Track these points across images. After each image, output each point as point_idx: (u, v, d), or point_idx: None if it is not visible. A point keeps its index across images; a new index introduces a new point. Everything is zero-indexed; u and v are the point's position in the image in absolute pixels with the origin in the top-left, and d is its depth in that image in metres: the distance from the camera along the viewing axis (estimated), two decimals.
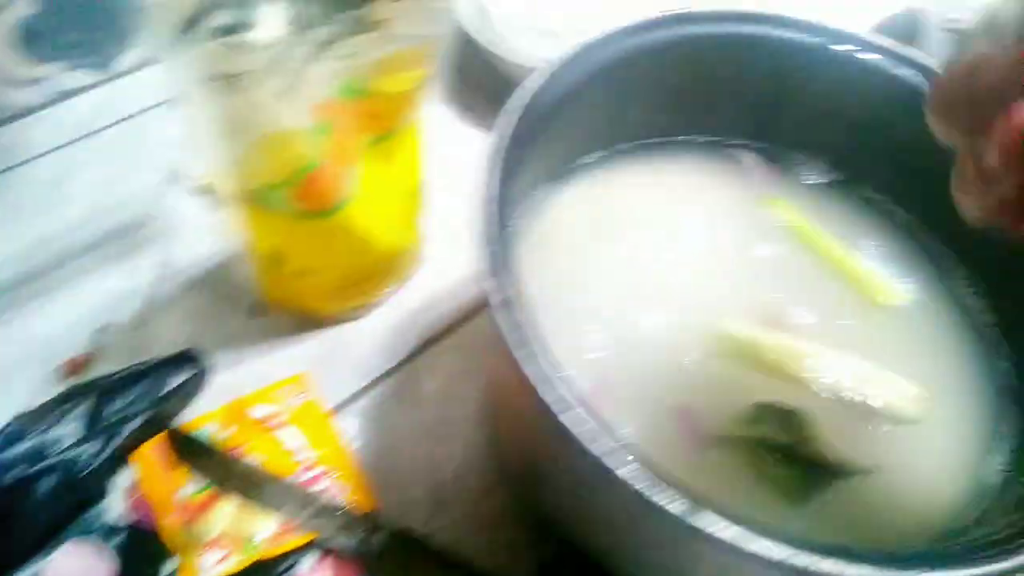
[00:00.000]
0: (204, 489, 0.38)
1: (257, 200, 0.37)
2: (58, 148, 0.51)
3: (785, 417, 0.31)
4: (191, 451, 0.38)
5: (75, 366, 0.42)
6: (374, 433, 0.41)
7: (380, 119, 0.38)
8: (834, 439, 0.32)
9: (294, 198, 0.35)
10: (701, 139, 0.41)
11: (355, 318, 0.45)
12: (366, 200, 0.38)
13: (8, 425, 0.38)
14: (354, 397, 0.42)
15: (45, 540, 0.35)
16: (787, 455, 0.30)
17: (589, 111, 0.36)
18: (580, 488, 0.30)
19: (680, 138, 0.40)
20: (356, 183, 0.37)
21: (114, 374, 0.41)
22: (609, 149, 0.40)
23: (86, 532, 0.37)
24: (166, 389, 0.40)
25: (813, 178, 0.40)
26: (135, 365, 0.41)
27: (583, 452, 0.24)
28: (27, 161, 0.51)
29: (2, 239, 0.47)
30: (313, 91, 0.34)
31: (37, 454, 0.37)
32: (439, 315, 0.46)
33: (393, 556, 0.36)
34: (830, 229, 0.38)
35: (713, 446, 0.32)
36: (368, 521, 0.37)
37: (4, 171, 0.50)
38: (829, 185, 0.40)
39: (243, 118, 0.32)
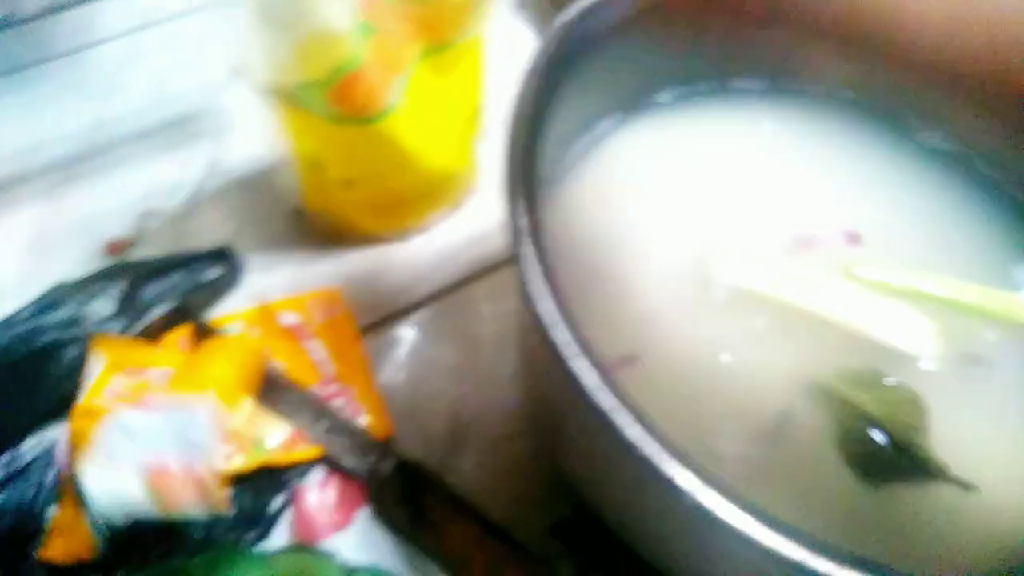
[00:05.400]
0: None
1: (296, 99, 0.35)
2: (125, 35, 0.51)
3: (898, 395, 0.28)
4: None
5: (117, 247, 0.42)
6: (402, 361, 0.40)
7: (434, 29, 0.35)
8: (943, 440, 0.28)
9: (331, 99, 0.33)
10: (796, 87, 0.37)
11: (398, 240, 0.43)
12: (413, 114, 0.36)
13: (49, 292, 0.38)
14: (386, 321, 0.41)
15: (62, 409, 0.35)
16: (883, 431, 0.27)
17: (662, 38, 0.33)
18: (593, 448, 0.28)
19: (781, 85, 0.36)
20: (401, 94, 0.35)
21: (152, 260, 0.40)
22: (687, 87, 0.36)
23: None
24: (199, 281, 0.40)
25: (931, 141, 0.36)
26: (173, 255, 0.41)
27: (591, 407, 0.21)
28: (94, 44, 0.50)
29: (62, 117, 0.47)
30: None
31: (71, 323, 0.37)
32: (487, 250, 0.44)
33: (401, 486, 0.35)
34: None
35: (806, 392, 0.29)
36: (381, 447, 0.36)
37: (72, 52, 0.50)
38: (943, 154, 0.36)
39: (287, 9, 0.31)
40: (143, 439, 0.31)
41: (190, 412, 0.32)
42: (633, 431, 0.21)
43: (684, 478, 0.20)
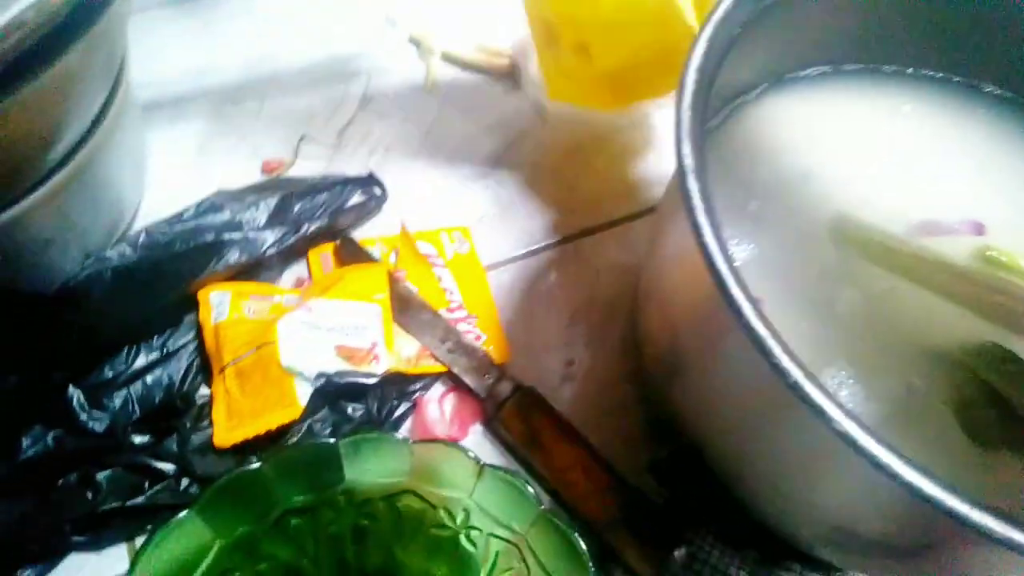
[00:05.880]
0: None
1: None
2: None
3: (1017, 370, 0.29)
4: (359, 262, 0.41)
5: (272, 166, 0.46)
6: (522, 297, 0.43)
7: None
8: None
9: None
10: (951, 77, 0.37)
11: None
12: None
13: (212, 196, 0.42)
14: (512, 260, 0.44)
15: None
16: (999, 402, 0.29)
17: (829, 12, 0.34)
18: (720, 381, 0.30)
19: (924, 72, 0.37)
20: None
21: (304, 179, 0.44)
22: (835, 66, 0.37)
23: None
24: (346, 204, 0.43)
25: None
26: (323, 176, 0.44)
27: (748, 331, 0.23)
28: None
29: (235, 49, 0.51)
30: None
31: (230, 226, 0.41)
32: (608, 207, 0.46)
33: (515, 407, 0.37)
34: None
35: (925, 357, 0.30)
36: (499, 370, 0.39)
37: None
38: None
39: None
40: (329, 328, 0.37)
41: (362, 312, 0.37)
42: (785, 359, 0.23)
43: (831, 406, 0.22)
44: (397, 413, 0.38)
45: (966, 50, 0.36)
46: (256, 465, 0.32)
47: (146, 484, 0.37)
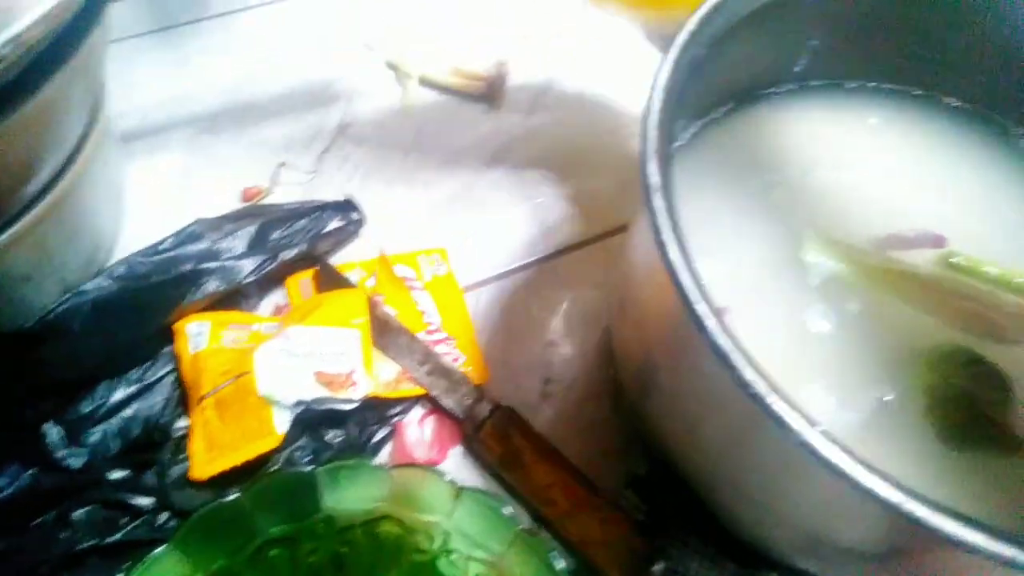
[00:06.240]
0: None
1: None
2: (273, 3, 0.56)
3: (984, 372, 0.30)
4: (337, 287, 0.41)
5: (251, 194, 0.46)
6: (500, 317, 0.43)
7: None
8: None
9: None
10: (911, 91, 0.38)
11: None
12: None
13: (191, 225, 0.42)
14: (489, 280, 0.44)
15: None
16: (968, 404, 0.29)
17: (792, 30, 0.35)
18: (691, 394, 0.30)
19: (886, 86, 0.38)
20: None
21: (282, 206, 0.44)
22: (801, 83, 0.38)
23: None
24: (324, 229, 0.43)
25: None
26: (301, 203, 0.44)
27: (712, 345, 0.24)
28: (245, 9, 0.55)
29: (213, 77, 0.51)
30: None
31: (208, 256, 0.41)
32: (579, 228, 0.47)
33: (494, 427, 0.37)
34: None
35: (897, 365, 0.31)
36: (477, 391, 0.39)
37: (224, 14, 0.55)
38: None
39: None
40: (307, 355, 0.37)
41: (341, 338, 0.37)
42: (748, 372, 0.23)
43: (792, 416, 0.22)
44: (377, 438, 0.38)
45: (923, 64, 0.37)
46: (234, 496, 0.32)
47: (123, 521, 0.37)
